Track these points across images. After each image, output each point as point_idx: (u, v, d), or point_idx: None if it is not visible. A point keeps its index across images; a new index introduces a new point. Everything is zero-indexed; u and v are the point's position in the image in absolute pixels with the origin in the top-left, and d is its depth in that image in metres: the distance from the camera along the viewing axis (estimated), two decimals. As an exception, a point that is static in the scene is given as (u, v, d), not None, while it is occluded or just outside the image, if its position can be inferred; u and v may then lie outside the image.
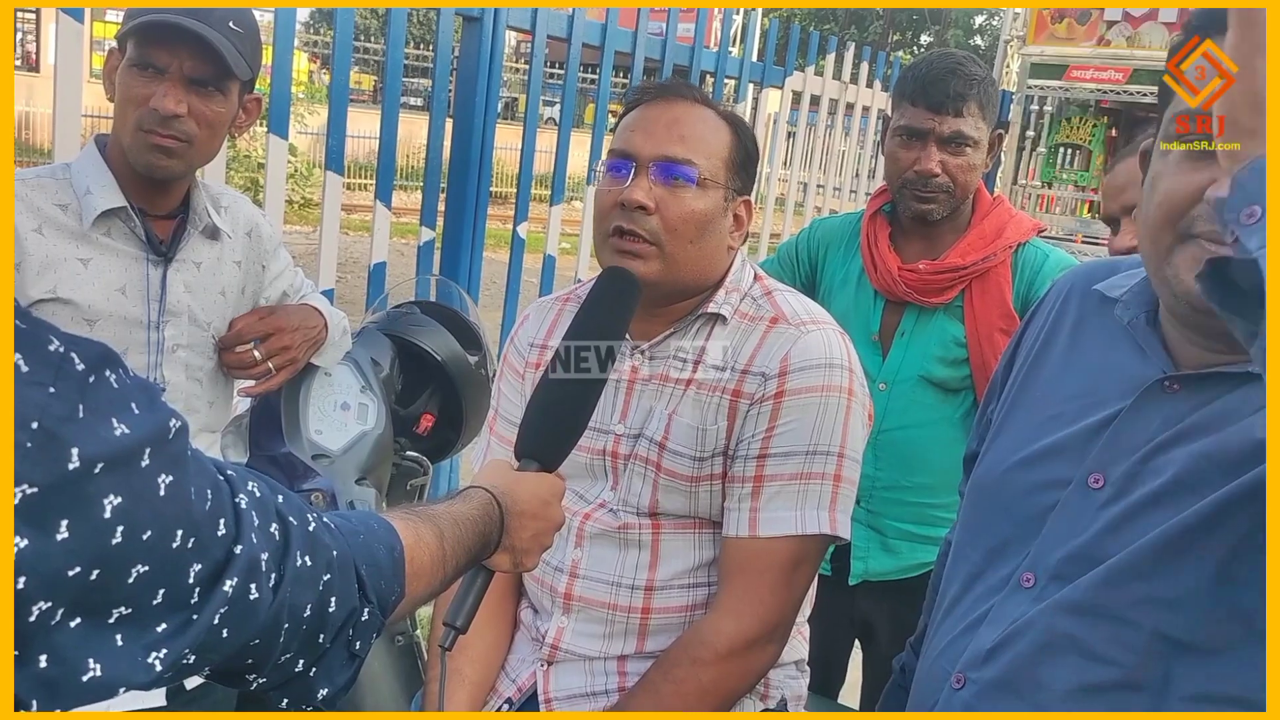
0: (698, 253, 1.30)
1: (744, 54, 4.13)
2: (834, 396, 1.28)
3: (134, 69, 1.42)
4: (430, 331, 1.89)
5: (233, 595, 0.66)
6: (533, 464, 1.07)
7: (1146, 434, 0.94)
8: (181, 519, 0.62)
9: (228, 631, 0.67)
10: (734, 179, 1.33)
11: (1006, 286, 1.81)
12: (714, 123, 1.32)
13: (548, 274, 3.45)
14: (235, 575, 0.66)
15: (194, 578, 0.64)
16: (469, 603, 1.00)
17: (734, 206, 1.34)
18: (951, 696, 1.01)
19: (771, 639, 1.29)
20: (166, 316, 1.51)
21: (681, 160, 1.27)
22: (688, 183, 1.27)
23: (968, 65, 1.78)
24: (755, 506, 1.29)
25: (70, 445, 0.53)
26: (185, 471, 0.62)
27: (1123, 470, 0.94)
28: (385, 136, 2.80)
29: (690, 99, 1.33)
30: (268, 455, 1.58)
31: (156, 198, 1.50)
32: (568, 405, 1.08)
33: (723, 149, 1.31)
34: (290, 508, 0.76)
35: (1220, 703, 0.86)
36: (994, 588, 1.02)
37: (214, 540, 0.65)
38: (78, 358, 0.56)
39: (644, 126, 1.31)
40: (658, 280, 1.29)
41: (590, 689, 1.34)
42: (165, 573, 0.61)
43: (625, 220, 1.28)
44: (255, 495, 0.71)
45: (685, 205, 1.28)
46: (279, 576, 0.71)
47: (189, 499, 0.62)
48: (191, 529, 0.63)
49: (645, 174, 1.28)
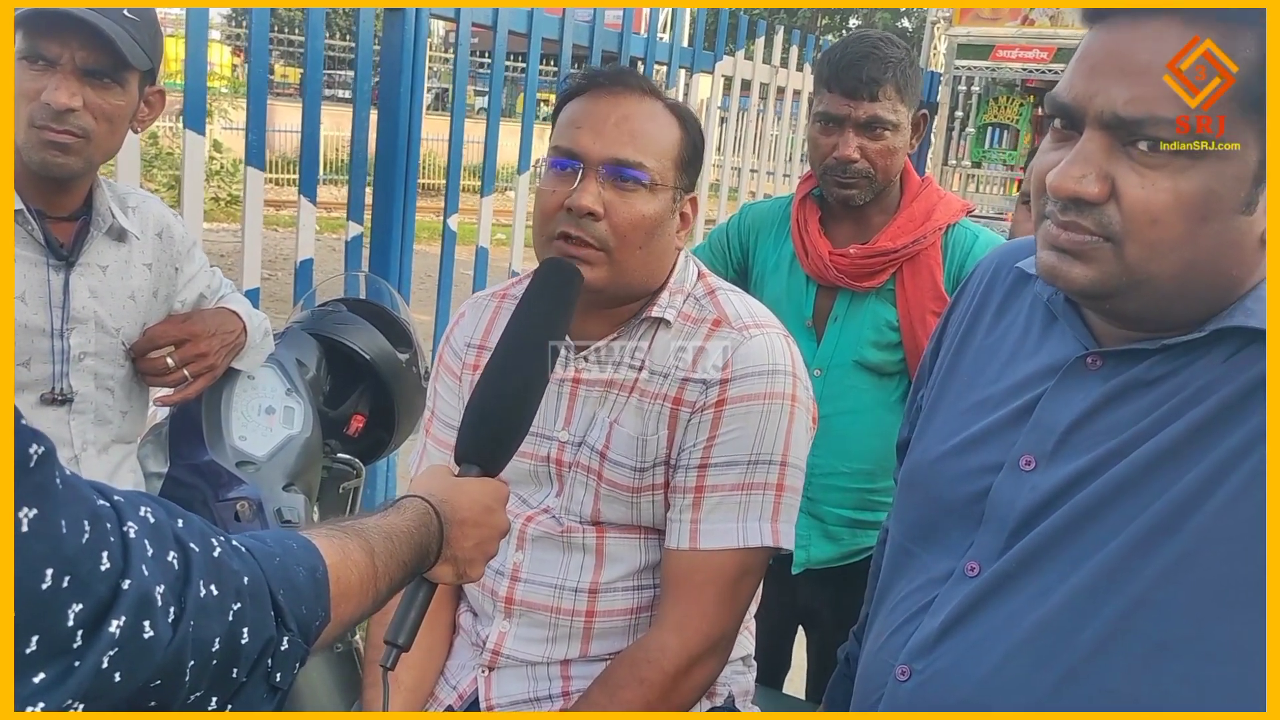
0: (646, 256, 1.25)
1: (673, 39, 4.10)
2: (777, 404, 1.24)
3: (24, 62, 1.33)
4: (358, 330, 1.83)
5: (122, 635, 0.60)
6: (473, 469, 1.03)
7: (1071, 411, 0.93)
8: (50, 556, 0.56)
9: (120, 675, 0.61)
10: (682, 178, 1.28)
11: (937, 268, 1.81)
12: (664, 119, 1.26)
13: (481, 266, 3.39)
14: (123, 613, 0.60)
15: (74, 619, 0.58)
16: (410, 618, 0.96)
17: (681, 206, 1.29)
18: (897, 688, 0.99)
19: (714, 652, 1.26)
20: (71, 323, 1.44)
21: (633, 163, 1.21)
22: (638, 185, 1.22)
23: (884, 48, 1.75)
24: (696, 518, 1.25)
25: None
26: (52, 503, 0.56)
27: (1051, 449, 0.93)
28: (308, 129, 2.72)
29: (640, 90, 1.26)
30: (189, 464, 1.52)
31: (55, 198, 1.42)
32: (508, 406, 1.04)
33: (672, 148, 1.25)
34: (190, 533, 0.70)
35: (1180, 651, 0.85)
36: (937, 579, 1.00)
37: (95, 576, 0.59)
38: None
39: (591, 123, 1.23)
40: (604, 286, 1.23)
41: (533, 694, 1.31)
42: (36, 617, 0.55)
43: (572, 226, 1.21)
44: (149, 521, 0.66)
45: (635, 210, 1.22)
46: (179, 609, 0.66)
47: (58, 533, 0.57)
48: (64, 566, 0.57)
49: (594, 176, 1.21)
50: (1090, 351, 0.94)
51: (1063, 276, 0.87)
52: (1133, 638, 0.86)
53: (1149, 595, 0.86)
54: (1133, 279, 0.84)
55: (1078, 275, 0.86)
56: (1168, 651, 0.85)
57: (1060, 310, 0.98)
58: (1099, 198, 0.83)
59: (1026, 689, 0.91)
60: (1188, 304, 0.87)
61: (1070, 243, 0.85)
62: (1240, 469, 0.83)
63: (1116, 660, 0.87)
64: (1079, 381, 0.94)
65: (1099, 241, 0.84)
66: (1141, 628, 0.86)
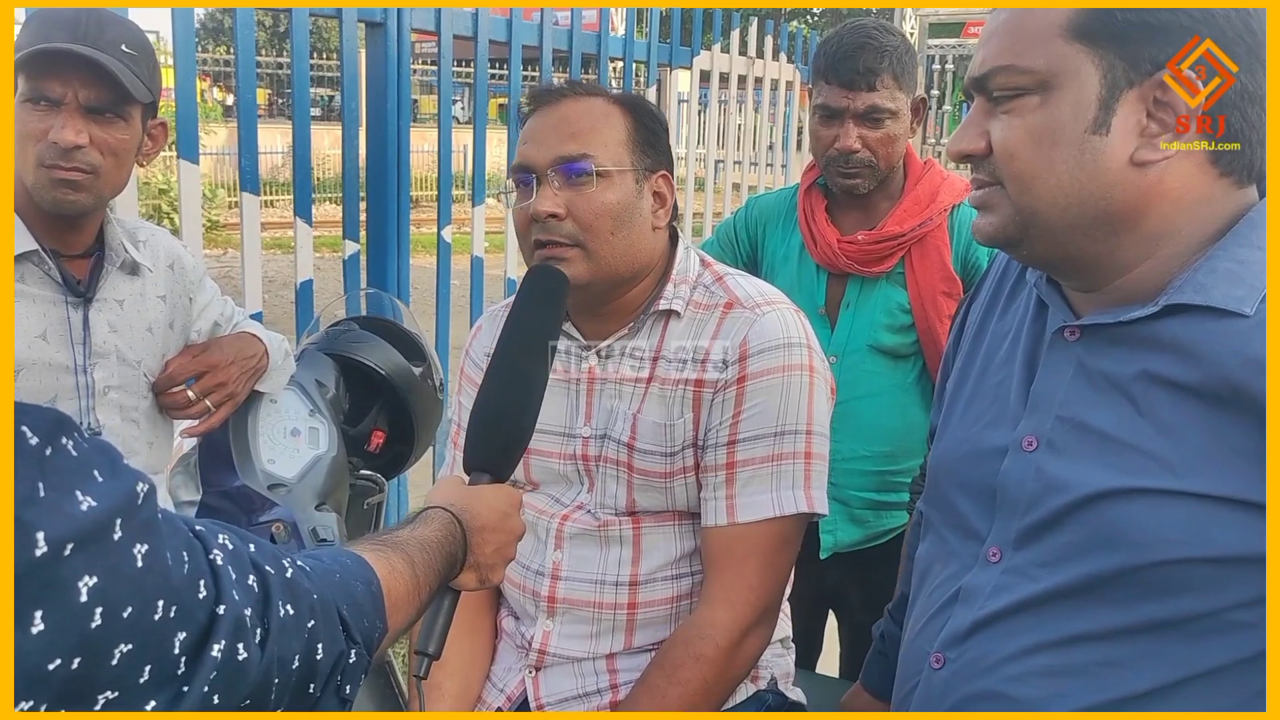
0: (623, 242, 1.28)
1: (649, 37, 4.12)
2: (795, 375, 1.28)
3: (28, 104, 1.35)
4: (372, 346, 1.84)
5: (222, 660, 0.62)
6: (484, 477, 1.06)
7: (1063, 387, 0.96)
8: (161, 588, 0.58)
9: (219, 698, 0.63)
10: (641, 159, 1.30)
11: (945, 249, 1.83)
12: (603, 109, 1.30)
13: (476, 275, 3.40)
14: (222, 638, 0.62)
15: (179, 648, 0.59)
16: (439, 627, 0.98)
17: (650, 185, 1.32)
18: (932, 676, 1.02)
19: (763, 621, 1.29)
20: (94, 359, 1.45)
21: (576, 157, 1.26)
22: (589, 176, 1.25)
23: (879, 37, 1.77)
24: (731, 494, 1.28)
25: (35, 529, 0.49)
26: (159, 537, 0.58)
27: (1049, 427, 0.96)
28: (299, 151, 2.73)
29: (574, 94, 1.31)
30: (220, 491, 1.53)
31: (69, 236, 1.43)
32: (510, 412, 1.07)
33: (619, 132, 1.29)
34: (264, 556, 0.72)
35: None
36: (965, 565, 1.02)
37: (196, 604, 0.61)
38: (29, 430, 0.51)
39: (534, 136, 1.29)
40: (590, 279, 1.27)
41: (581, 690, 1.33)
42: (150, 648, 0.57)
43: (542, 232, 1.27)
44: (229, 549, 0.68)
45: (594, 201, 1.26)
46: (264, 631, 0.68)
47: (166, 565, 0.58)
48: (173, 597, 0.59)
49: (548, 182, 1.26)
50: (1066, 325, 0.97)
51: (979, 230, 0.97)
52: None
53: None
54: (1023, 218, 0.92)
55: (985, 225, 0.96)
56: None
57: (1044, 291, 1.01)
58: (982, 151, 0.93)
59: (1054, 677, 0.93)
60: (1105, 249, 0.91)
61: (978, 198, 0.95)
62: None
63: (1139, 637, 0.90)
64: (1063, 355, 0.97)
65: (994, 189, 0.93)
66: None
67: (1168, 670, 0.88)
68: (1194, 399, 0.86)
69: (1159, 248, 0.90)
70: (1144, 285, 0.91)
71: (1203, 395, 0.86)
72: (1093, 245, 0.91)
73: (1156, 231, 0.90)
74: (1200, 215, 0.89)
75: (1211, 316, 0.86)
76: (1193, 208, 0.89)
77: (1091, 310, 0.96)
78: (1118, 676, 0.90)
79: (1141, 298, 0.91)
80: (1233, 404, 0.84)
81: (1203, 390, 0.86)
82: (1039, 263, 0.99)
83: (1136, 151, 0.87)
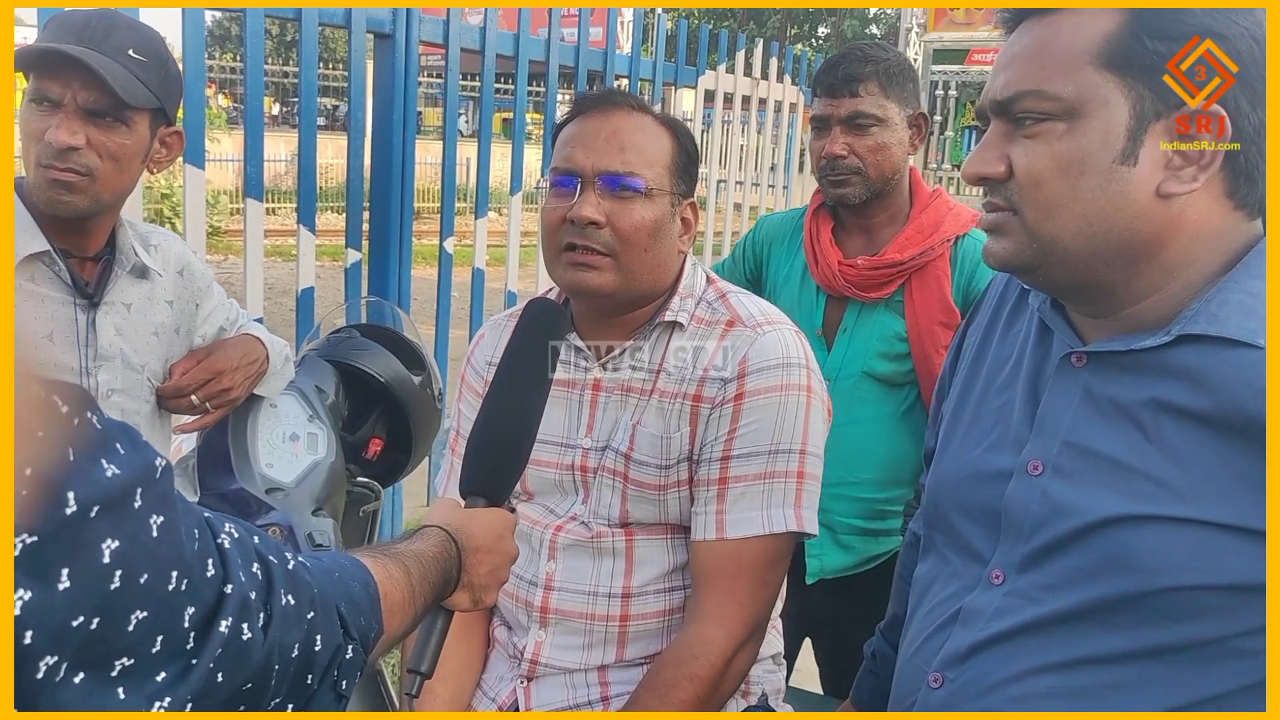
0: (652, 260, 1.31)
1: (655, 56, 4.15)
2: (793, 395, 1.29)
3: (31, 104, 1.35)
4: (372, 354, 1.86)
5: (228, 637, 0.65)
6: (479, 500, 1.07)
7: (1070, 412, 0.96)
8: (175, 560, 0.60)
9: (223, 675, 0.65)
10: (678, 183, 1.33)
11: (946, 280, 1.82)
12: (653, 130, 1.32)
13: (477, 287, 3.42)
14: (229, 615, 0.65)
15: (189, 621, 0.62)
16: (432, 645, 0.99)
17: (681, 210, 1.35)
18: (929, 695, 1.02)
19: (754, 638, 1.30)
20: (99, 361, 1.46)
21: (626, 172, 1.27)
22: (635, 193, 1.27)
23: (868, 50, 1.79)
24: (721, 509, 1.29)
25: (65, 489, 0.52)
26: (175, 511, 0.61)
27: (1056, 452, 0.96)
28: (304, 160, 2.75)
29: (627, 107, 1.33)
30: (218, 494, 1.53)
31: (79, 239, 1.44)
32: (507, 439, 1.08)
33: (664, 155, 1.31)
34: (268, 547, 0.74)
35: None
36: (967, 586, 1.03)
37: (204, 581, 0.64)
38: (60, 400, 0.54)
39: (584, 141, 1.30)
40: (614, 291, 1.29)
41: (573, 701, 1.33)
42: (163, 618, 0.59)
43: (577, 236, 1.27)
44: (234, 536, 0.70)
45: (636, 215, 1.28)
46: (268, 615, 0.70)
47: (180, 539, 0.61)
48: (185, 570, 0.61)
49: (592, 188, 1.27)
50: (1073, 350, 0.97)
51: (990, 254, 0.96)
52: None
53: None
54: (1041, 245, 0.92)
55: (998, 250, 0.95)
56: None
57: (1048, 316, 1.02)
58: (1001, 175, 0.93)
59: (1058, 699, 0.93)
60: (1122, 278, 0.92)
61: (990, 222, 0.95)
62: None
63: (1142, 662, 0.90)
64: (1070, 381, 0.97)
65: (1009, 215, 0.93)
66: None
67: (1173, 695, 0.89)
68: (1204, 427, 0.87)
69: (1174, 278, 0.91)
70: (1155, 313, 0.92)
71: (1213, 423, 0.86)
72: (1110, 274, 0.92)
73: (1174, 262, 0.91)
74: (1214, 247, 0.90)
75: (1224, 346, 0.87)
76: (1208, 239, 0.90)
77: (1099, 336, 0.96)
78: (1122, 700, 0.90)
79: (1152, 326, 0.92)
80: (1244, 433, 0.85)
81: (1213, 419, 0.86)
82: (1052, 288, 0.99)
83: (1163, 184, 0.88)
